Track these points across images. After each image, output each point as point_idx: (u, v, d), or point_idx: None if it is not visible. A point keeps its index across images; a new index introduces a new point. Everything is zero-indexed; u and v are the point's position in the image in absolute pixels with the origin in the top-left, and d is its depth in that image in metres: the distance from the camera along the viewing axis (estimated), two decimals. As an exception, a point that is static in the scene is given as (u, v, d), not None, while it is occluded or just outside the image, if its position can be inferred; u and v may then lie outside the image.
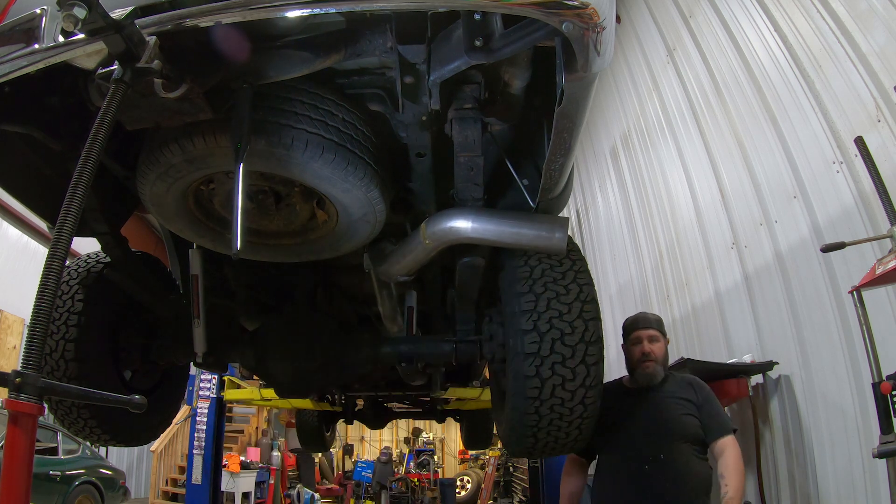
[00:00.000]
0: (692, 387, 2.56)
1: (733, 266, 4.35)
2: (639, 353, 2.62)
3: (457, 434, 17.25)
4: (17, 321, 8.35)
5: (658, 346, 2.62)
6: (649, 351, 2.59)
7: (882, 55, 2.96)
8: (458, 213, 1.94)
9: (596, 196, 8.08)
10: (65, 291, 2.25)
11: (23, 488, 0.87)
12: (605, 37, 1.26)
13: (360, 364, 2.68)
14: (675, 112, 5.40)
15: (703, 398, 2.50)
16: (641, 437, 2.44)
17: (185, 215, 1.92)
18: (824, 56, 3.37)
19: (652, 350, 2.59)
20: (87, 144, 1.07)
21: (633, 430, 2.48)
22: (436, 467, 15.77)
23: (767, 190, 3.91)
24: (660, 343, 2.63)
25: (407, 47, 1.52)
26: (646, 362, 2.59)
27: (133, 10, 1.22)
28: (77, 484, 6.14)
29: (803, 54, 3.56)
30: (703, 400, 2.50)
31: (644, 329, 2.66)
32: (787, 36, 3.71)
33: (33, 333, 0.94)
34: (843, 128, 3.20)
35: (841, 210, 3.18)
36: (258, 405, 9.08)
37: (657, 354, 2.59)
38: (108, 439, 2.47)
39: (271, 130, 1.55)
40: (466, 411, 6.77)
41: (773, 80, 3.84)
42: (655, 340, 2.62)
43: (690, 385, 2.57)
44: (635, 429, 2.48)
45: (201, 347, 2.38)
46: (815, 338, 3.40)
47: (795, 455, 3.44)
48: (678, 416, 2.44)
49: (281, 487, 10.87)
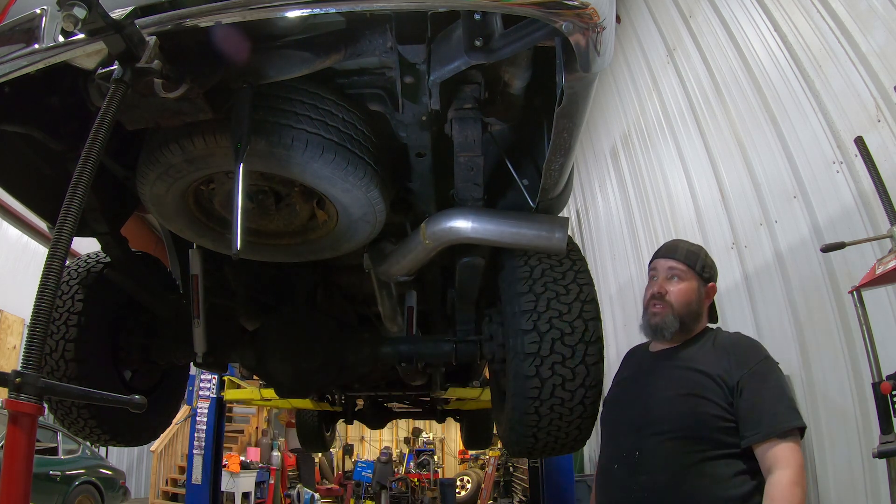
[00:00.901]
0: (731, 356, 1.66)
1: (733, 266, 4.35)
2: (648, 294, 1.84)
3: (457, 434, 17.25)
4: (17, 321, 8.35)
5: (680, 287, 1.77)
6: (660, 291, 1.79)
7: (882, 55, 2.96)
8: (458, 213, 1.94)
9: (596, 196, 8.08)
10: (65, 291, 2.25)
11: (23, 488, 0.87)
12: (605, 37, 1.26)
13: (360, 364, 2.68)
14: (675, 112, 5.40)
15: (748, 375, 1.60)
16: (626, 424, 1.74)
17: (185, 215, 1.92)
18: (824, 56, 3.37)
19: (665, 290, 1.78)
20: (87, 144, 1.07)
21: (619, 416, 1.80)
22: (436, 467, 15.77)
23: (767, 190, 3.91)
24: (684, 284, 1.78)
25: (407, 47, 1.52)
26: (654, 307, 1.79)
27: (133, 10, 1.22)
28: (77, 484, 6.14)
29: (803, 54, 3.56)
30: (748, 378, 1.60)
31: (664, 258, 1.84)
32: (787, 36, 3.72)
33: (33, 333, 0.94)
34: (843, 128, 3.21)
35: (841, 210, 3.18)
36: (258, 405, 9.09)
37: (674, 297, 1.77)
38: (108, 439, 2.47)
39: (271, 130, 1.55)
40: (466, 411, 6.77)
41: (773, 80, 3.84)
42: (676, 278, 1.79)
43: (729, 353, 1.67)
44: (622, 413, 1.80)
45: (201, 347, 2.38)
46: (815, 338, 3.40)
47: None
48: (673, 397, 1.65)
49: (281, 487, 10.87)
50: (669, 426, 1.61)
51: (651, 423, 1.65)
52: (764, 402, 1.56)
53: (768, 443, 1.52)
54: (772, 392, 1.58)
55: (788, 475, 1.47)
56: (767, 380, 1.61)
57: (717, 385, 1.61)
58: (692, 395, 1.63)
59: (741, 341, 1.74)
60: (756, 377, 1.60)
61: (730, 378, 1.61)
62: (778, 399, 1.57)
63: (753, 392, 1.58)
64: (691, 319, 1.78)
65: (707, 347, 1.73)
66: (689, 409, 1.61)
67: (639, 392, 1.78)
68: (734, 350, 1.68)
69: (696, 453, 1.57)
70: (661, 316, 1.77)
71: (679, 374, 1.70)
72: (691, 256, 1.82)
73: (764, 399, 1.57)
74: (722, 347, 1.70)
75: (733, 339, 1.75)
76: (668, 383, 1.70)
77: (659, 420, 1.64)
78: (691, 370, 1.68)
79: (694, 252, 1.84)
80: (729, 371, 1.62)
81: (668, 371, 1.74)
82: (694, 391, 1.63)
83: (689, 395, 1.63)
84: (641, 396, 1.75)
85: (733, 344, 1.72)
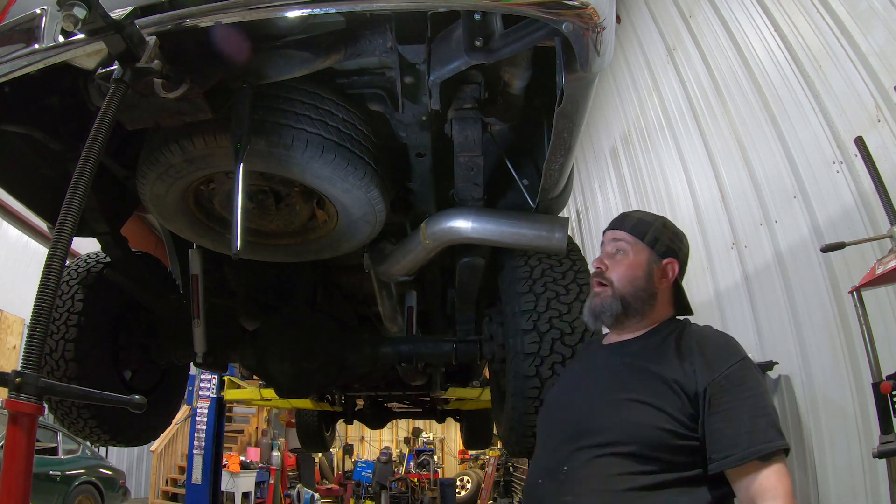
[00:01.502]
0: (697, 356, 1.31)
1: (733, 266, 4.35)
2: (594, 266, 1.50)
3: (457, 434, 17.25)
4: (17, 321, 8.35)
5: (623, 262, 1.44)
6: (599, 267, 1.46)
7: (882, 55, 2.96)
8: (458, 213, 1.94)
9: (596, 196, 8.07)
10: (65, 291, 2.25)
11: (23, 488, 0.87)
12: (605, 37, 1.26)
13: (360, 364, 2.68)
14: (675, 112, 5.39)
15: (720, 382, 1.25)
16: (559, 431, 1.39)
17: (185, 215, 1.92)
18: (824, 56, 3.37)
19: (605, 266, 1.45)
20: (87, 144, 1.07)
21: (554, 419, 1.45)
22: (436, 467, 15.77)
23: (767, 190, 3.91)
24: (628, 258, 1.44)
25: (407, 47, 1.52)
26: (595, 287, 1.47)
27: (133, 10, 1.22)
28: (77, 484, 6.14)
29: (803, 54, 3.55)
30: (720, 385, 1.25)
31: (611, 229, 1.52)
32: (787, 36, 3.71)
33: (33, 333, 0.94)
34: (843, 128, 3.20)
35: (841, 210, 3.18)
36: (258, 405, 9.09)
37: (615, 274, 1.43)
38: (108, 439, 2.47)
39: (271, 130, 1.55)
40: (466, 411, 6.77)
41: (773, 80, 3.84)
42: (621, 252, 1.46)
43: (694, 353, 1.32)
44: (557, 417, 1.44)
45: (201, 347, 2.38)
46: (815, 338, 3.40)
47: (795, 455, 3.43)
48: (617, 402, 1.31)
49: (281, 487, 10.87)
50: (607, 438, 1.25)
51: (586, 432, 1.29)
52: (740, 417, 1.20)
53: (747, 467, 1.18)
54: (750, 403, 1.22)
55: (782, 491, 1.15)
56: (744, 388, 1.24)
57: (673, 393, 1.26)
58: (641, 402, 1.27)
59: (712, 338, 1.37)
60: (730, 384, 1.24)
61: (692, 385, 1.25)
62: (757, 413, 1.22)
63: (727, 403, 1.22)
64: (639, 302, 1.41)
65: (668, 343, 1.36)
66: (635, 420, 1.25)
67: (580, 392, 1.42)
68: (702, 349, 1.31)
69: (641, 476, 1.21)
70: (599, 297, 1.43)
71: (629, 373, 1.35)
72: (640, 225, 1.47)
73: (740, 413, 1.21)
74: (687, 346, 1.33)
75: (703, 335, 1.37)
76: (613, 384, 1.35)
77: (596, 430, 1.28)
78: (644, 371, 1.33)
79: (646, 221, 1.48)
80: (692, 376, 1.26)
81: (617, 368, 1.39)
82: (643, 397, 1.27)
83: (637, 401, 1.27)
84: (581, 398, 1.40)
85: (702, 341, 1.34)
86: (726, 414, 1.22)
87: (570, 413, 1.39)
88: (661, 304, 1.45)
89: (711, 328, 1.43)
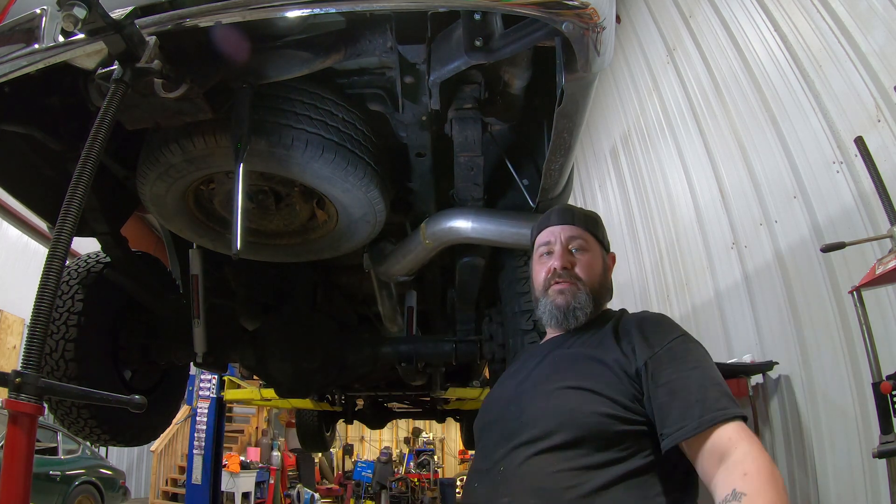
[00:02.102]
0: (635, 335, 1.23)
1: (733, 266, 4.35)
2: (546, 271, 1.38)
3: (457, 434, 17.25)
4: (17, 321, 8.35)
5: (585, 258, 1.38)
6: (565, 265, 1.36)
7: (882, 55, 2.96)
8: (458, 213, 1.95)
9: (596, 196, 8.07)
10: (65, 291, 2.25)
11: (23, 488, 0.87)
12: (605, 37, 1.26)
13: (360, 364, 2.68)
14: (675, 112, 5.40)
15: (661, 355, 1.17)
16: (496, 429, 1.26)
17: (185, 215, 1.92)
18: (824, 56, 3.37)
19: (571, 262, 1.36)
20: (87, 144, 1.07)
21: (491, 418, 1.32)
22: (436, 467, 15.77)
23: (767, 190, 3.91)
24: (589, 254, 1.39)
25: (407, 47, 1.52)
26: (558, 284, 1.35)
27: (133, 10, 1.22)
28: (77, 484, 6.13)
29: (803, 54, 3.55)
30: (661, 358, 1.16)
31: (560, 225, 1.42)
32: (787, 36, 3.71)
33: (33, 333, 0.94)
34: (843, 128, 3.20)
35: (841, 210, 3.18)
36: (258, 405, 9.08)
37: (584, 271, 1.36)
38: (108, 439, 2.47)
39: (271, 130, 1.55)
40: (466, 411, 6.77)
41: (773, 80, 3.84)
42: (580, 249, 1.39)
43: (631, 333, 1.25)
44: (494, 415, 1.32)
45: (201, 347, 2.39)
46: (815, 338, 3.40)
47: (795, 455, 3.43)
48: (552, 392, 1.20)
49: (281, 487, 10.87)
50: (542, 430, 1.13)
51: (521, 427, 1.17)
52: (688, 387, 1.09)
53: (703, 436, 1.04)
54: (697, 374, 1.12)
55: (755, 447, 1.00)
56: (689, 359, 1.15)
57: (612, 374, 1.17)
58: (577, 388, 1.16)
59: (650, 318, 1.30)
60: (672, 357, 1.15)
61: (633, 362, 1.17)
62: (705, 383, 1.10)
63: (671, 374, 1.12)
64: (605, 297, 1.40)
65: (607, 329, 1.29)
66: (570, 406, 1.13)
67: (517, 389, 1.31)
68: (641, 328, 1.24)
69: (583, 473, 1.06)
70: (570, 294, 1.34)
71: (567, 362, 1.26)
72: (591, 222, 1.45)
73: (687, 383, 1.10)
74: (625, 328, 1.27)
75: (641, 317, 1.31)
76: (550, 375, 1.24)
77: (530, 423, 1.16)
78: (582, 357, 1.25)
79: (592, 217, 1.47)
80: (631, 354, 1.18)
81: (555, 360, 1.30)
82: (580, 383, 1.17)
83: (574, 388, 1.17)
84: (517, 394, 1.28)
85: (640, 322, 1.27)
86: (672, 386, 1.10)
87: (506, 410, 1.26)
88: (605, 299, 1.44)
89: (647, 311, 1.37)
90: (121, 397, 1.07)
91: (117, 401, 1.09)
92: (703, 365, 1.15)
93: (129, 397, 1.06)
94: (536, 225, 1.49)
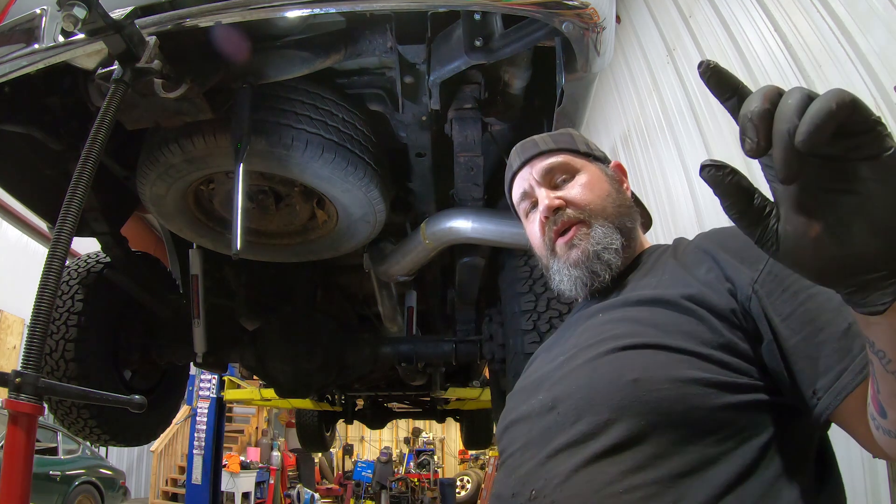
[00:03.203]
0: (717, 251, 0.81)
1: (733, 266, 4.35)
2: (540, 226, 0.97)
3: (457, 434, 17.24)
4: (17, 321, 8.34)
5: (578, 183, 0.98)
6: (552, 204, 0.95)
7: (882, 55, 2.96)
8: (458, 213, 1.94)
9: (596, 196, 8.08)
10: (65, 291, 2.25)
11: (23, 488, 0.87)
12: (605, 37, 1.26)
13: (360, 364, 2.68)
14: (675, 112, 5.40)
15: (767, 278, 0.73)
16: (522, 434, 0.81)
17: (185, 215, 1.92)
18: (824, 56, 3.37)
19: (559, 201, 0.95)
20: (87, 144, 1.07)
21: (514, 419, 0.87)
22: (436, 467, 15.77)
23: (767, 190, 3.91)
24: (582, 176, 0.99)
25: (407, 47, 1.52)
26: (562, 236, 0.94)
27: (133, 10, 1.22)
28: (77, 484, 6.13)
29: (803, 54, 3.56)
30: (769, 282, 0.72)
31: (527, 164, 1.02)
32: (787, 36, 3.71)
33: (33, 333, 0.94)
34: (843, 128, 3.21)
35: (841, 210, 3.18)
36: (258, 405, 9.09)
37: (582, 197, 0.96)
38: (108, 439, 2.47)
39: (271, 130, 1.55)
40: (466, 411, 6.78)
41: (773, 81, 3.84)
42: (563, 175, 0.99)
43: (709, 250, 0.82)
44: (519, 419, 0.85)
45: (201, 347, 2.39)
46: (815, 338, 3.40)
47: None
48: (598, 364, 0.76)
49: (281, 487, 10.87)
50: (591, 425, 0.71)
51: (557, 425, 0.75)
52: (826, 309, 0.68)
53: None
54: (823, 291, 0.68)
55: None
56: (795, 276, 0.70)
57: (695, 318, 0.75)
58: (639, 346, 0.75)
59: (727, 231, 0.84)
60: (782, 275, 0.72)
61: (722, 294, 0.76)
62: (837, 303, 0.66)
63: (800, 297, 0.70)
64: (631, 219, 0.98)
65: (661, 262, 0.90)
66: (635, 378, 0.71)
67: (548, 368, 0.87)
68: (721, 244, 0.82)
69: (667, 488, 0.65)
70: (583, 237, 0.93)
71: (614, 318, 0.83)
72: (565, 139, 1.04)
73: (821, 304, 0.68)
74: (693, 252, 0.85)
75: (711, 234, 0.88)
76: (593, 341, 0.81)
77: (571, 415, 0.74)
78: (635, 303, 0.83)
79: (563, 134, 1.06)
80: (717, 284, 0.77)
81: (597, 322, 0.86)
82: (642, 339, 0.75)
83: (632, 347, 0.75)
84: (549, 375, 0.85)
85: (717, 238, 0.85)
86: (808, 313, 0.69)
87: (534, 401, 0.82)
88: (638, 222, 1.01)
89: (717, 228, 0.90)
90: (121, 397, 1.07)
91: (117, 401, 1.09)
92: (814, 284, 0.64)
93: (129, 397, 1.06)
94: (506, 181, 1.09)
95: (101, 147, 1.09)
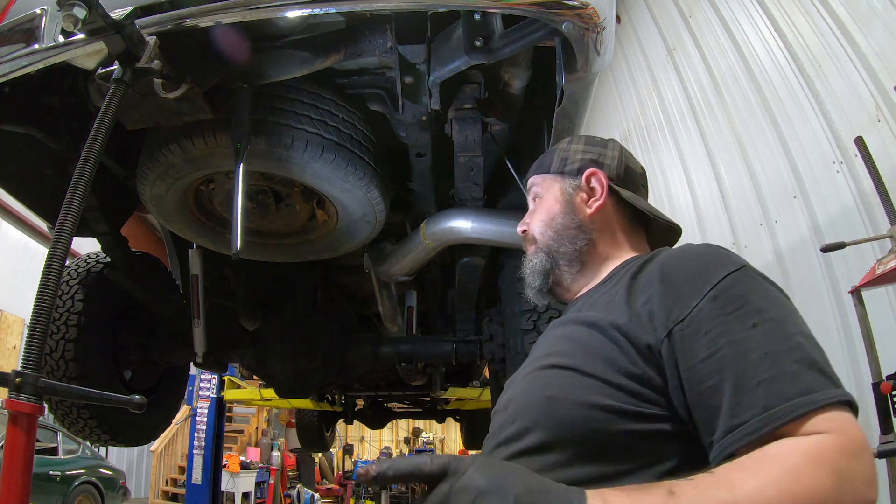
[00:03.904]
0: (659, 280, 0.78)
1: (733, 266, 4.35)
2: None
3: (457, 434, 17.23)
4: (17, 321, 8.35)
5: (538, 208, 1.06)
6: (522, 231, 1.09)
7: (882, 55, 2.96)
8: (458, 213, 1.95)
9: (596, 196, 8.08)
10: (65, 291, 2.25)
11: (23, 488, 0.87)
12: (605, 37, 1.26)
13: (360, 364, 2.68)
14: (675, 112, 5.40)
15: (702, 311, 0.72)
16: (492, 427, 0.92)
17: (185, 215, 1.92)
18: (824, 56, 3.37)
19: (525, 226, 1.08)
20: (87, 144, 1.07)
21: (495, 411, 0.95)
22: (436, 467, 15.74)
23: (767, 190, 3.91)
24: (544, 198, 1.05)
25: (407, 47, 1.52)
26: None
27: (133, 10, 1.22)
28: (77, 484, 6.13)
29: (803, 54, 3.56)
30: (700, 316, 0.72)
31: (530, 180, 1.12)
32: (787, 36, 3.71)
33: (33, 333, 0.94)
34: (843, 128, 3.20)
35: (841, 210, 3.18)
36: (258, 405, 9.09)
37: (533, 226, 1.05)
38: (108, 439, 2.47)
39: (271, 130, 1.56)
40: (466, 411, 6.77)
41: (773, 80, 3.84)
42: (536, 198, 1.08)
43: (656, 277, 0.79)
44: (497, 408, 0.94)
45: (201, 347, 2.39)
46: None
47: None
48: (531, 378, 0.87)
49: (281, 487, 10.87)
50: (518, 428, 0.80)
51: (506, 423, 0.84)
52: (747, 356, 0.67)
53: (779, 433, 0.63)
54: (764, 331, 0.69)
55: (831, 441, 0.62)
56: (747, 309, 0.71)
57: (613, 345, 0.77)
58: (562, 367, 0.80)
59: (686, 253, 0.83)
60: (721, 309, 0.71)
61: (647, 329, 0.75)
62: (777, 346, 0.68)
63: (719, 340, 0.69)
64: (566, 243, 0.99)
65: (623, 281, 0.85)
66: (551, 395, 0.78)
67: (517, 374, 0.95)
68: (663, 271, 0.80)
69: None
70: (527, 266, 1.04)
71: (563, 335, 0.89)
72: (547, 157, 1.08)
73: (746, 349, 0.68)
74: (648, 275, 0.82)
75: (670, 255, 0.84)
76: (542, 353, 0.89)
77: (513, 417, 0.83)
78: (580, 323, 0.85)
79: (550, 151, 1.10)
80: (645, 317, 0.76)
81: (554, 336, 0.92)
82: (566, 360, 0.80)
83: (556, 367, 0.81)
84: (514, 381, 0.93)
85: (669, 262, 0.81)
86: (720, 359, 0.68)
87: (504, 399, 0.92)
88: (605, 236, 1.00)
89: (692, 245, 0.87)
90: (120, 397, 1.07)
91: (117, 401, 1.09)
92: (771, 317, 0.70)
93: (129, 397, 1.06)
94: None
95: (101, 147, 1.09)
